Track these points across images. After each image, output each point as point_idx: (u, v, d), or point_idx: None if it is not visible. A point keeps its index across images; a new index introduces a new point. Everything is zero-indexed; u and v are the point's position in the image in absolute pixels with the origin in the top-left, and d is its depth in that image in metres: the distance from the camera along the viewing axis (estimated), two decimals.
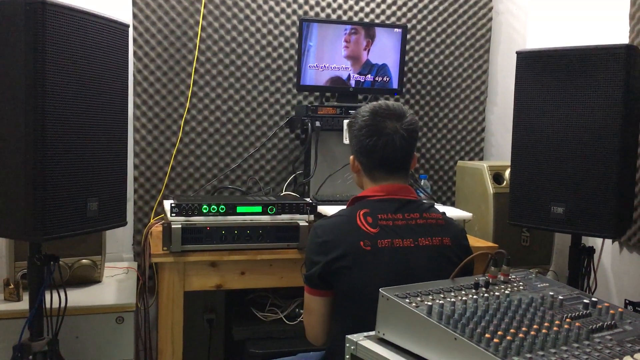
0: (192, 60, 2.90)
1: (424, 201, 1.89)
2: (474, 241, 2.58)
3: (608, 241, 2.58)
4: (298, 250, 2.32)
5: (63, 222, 1.78)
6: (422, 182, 3.05)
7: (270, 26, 3.00)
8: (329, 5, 3.08)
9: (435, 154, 3.33)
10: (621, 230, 2.23)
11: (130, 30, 2.62)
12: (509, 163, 2.38)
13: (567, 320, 1.24)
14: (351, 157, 1.86)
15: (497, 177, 2.82)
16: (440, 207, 2.25)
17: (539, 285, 1.47)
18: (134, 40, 2.80)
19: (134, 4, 2.80)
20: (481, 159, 3.40)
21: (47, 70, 1.71)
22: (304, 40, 2.85)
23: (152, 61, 2.85)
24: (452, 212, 2.62)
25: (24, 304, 2.13)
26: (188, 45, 2.89)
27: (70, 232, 1.82)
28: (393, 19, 3.18)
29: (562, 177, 2.17)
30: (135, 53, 2.81)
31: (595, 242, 2.50)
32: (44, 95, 1.71)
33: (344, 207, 1.85)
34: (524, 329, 1.16)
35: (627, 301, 2.24)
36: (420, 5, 3.21)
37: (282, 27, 3.02)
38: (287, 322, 2.51)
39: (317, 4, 3.06)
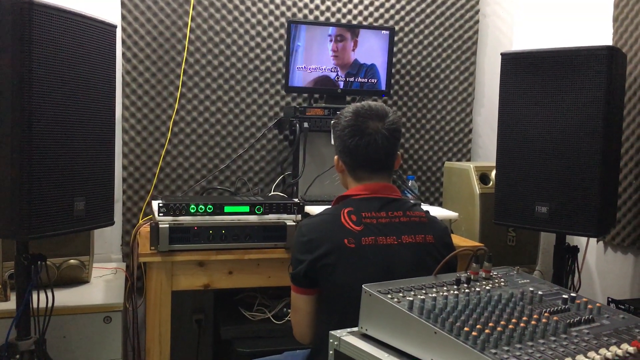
0: (181, 62, 2.91)
1: (409, 200, 1.91)
2: (460, 241, 2.60)
3: (593, 241, 2.61)
4: (285, 250, 2.34)
5: (49, 221, 1.79)
6: (410, 183, 3.07)
7: (259, 28, 3.02)
8: (317, 7, 3.10)
9: (422, 155, 3.36)
10: (604, 229, 2.26)
11: (119, 31, 2.64)
12: (495, 164, 2.40)
13: (546, 314, 1.26)
14: (335, 157, 1.88)
15: (484, 178, 2.85)
16: (426, 207, 2.27)
17: (520, 282, 1.49)
18: (123, 41, 2.81)
19: (123, 5, 2.81)
20: (469, 160, 3.43)
21: (34, 70, 1.71)
22: (292, 42, 2.87)
23: (141, 62, 2.86)
24: (438, 212, 2.64)
25: (11, 304, 2.13)
26: (177, 46, 2.91)
27: (56, 231, 1.83)
28: (381, 21, 3.21)
29: (546, 177, 2.20)
30: (124, 54, 2.82)
31: (580, 241, 2.53)
32: (31, 95, 1.71)
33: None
34: (502, 322, 1.18)
35: (609, 299, 2.27)
36: (408, 8, 3.24)
37: (271, 29, 3.04)
38: (275, 321, 2.52)
39: (305, 6, 3.08)
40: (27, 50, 1.70)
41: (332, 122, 1.91)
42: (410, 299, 1.26)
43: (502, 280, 1.48)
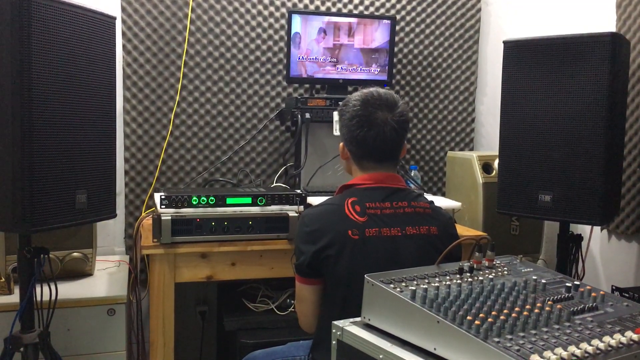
0: (182, 53, 2.90)
1: (413, 190, 1.90)
2: (463, 230, 2.60)
3: (597, 229, 2.60)
4: (288, 241, 2.33)
5: (51, 214, 1.79)
6: (413, 173, 3.06)
7: (259, 18, 3.00)
8: None
9: (425, 144, 3.35)
10: (607, 217, 2.25)
11: (119, 23, 2.63)
12: (498, 153, 2.39)
13: (549, 302, 1.26)
14: (341, 144, 1.86)
15: (487, 167, 2.84)
16: (429, 197, 2.26)
17: (523, 270, 1.48)
18: (123, 33, 2.80)
19: None
20: (471, 149, 3.41)
21: (33, 63, 1.71)
22: (292, 32, 2.85)
23: (141, 54, 2.85)
24: (441, 202, 2.63)
25: (15, 297, 2.14)
26: (177, 38, 2.89)
27: (58, 224, 1.82)
28: (382, 10, 3.19)
29: (550, 165, 2.18)
30: (124, 46, 2.81)
31: (584, 230, 2.52)
32: (31, 87, 1.71)
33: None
34: (505, 311, 1.18)
35: (613, 287, 2.26)
36: None
37: (271, 19, 3.02)
38: (278, 312, 2.52)
39: None
40: (27, 42, 1.69)
41: (338, 108, 1.86)
42: (413, 288, 1.26)
43: (505, 269, 1.48)
